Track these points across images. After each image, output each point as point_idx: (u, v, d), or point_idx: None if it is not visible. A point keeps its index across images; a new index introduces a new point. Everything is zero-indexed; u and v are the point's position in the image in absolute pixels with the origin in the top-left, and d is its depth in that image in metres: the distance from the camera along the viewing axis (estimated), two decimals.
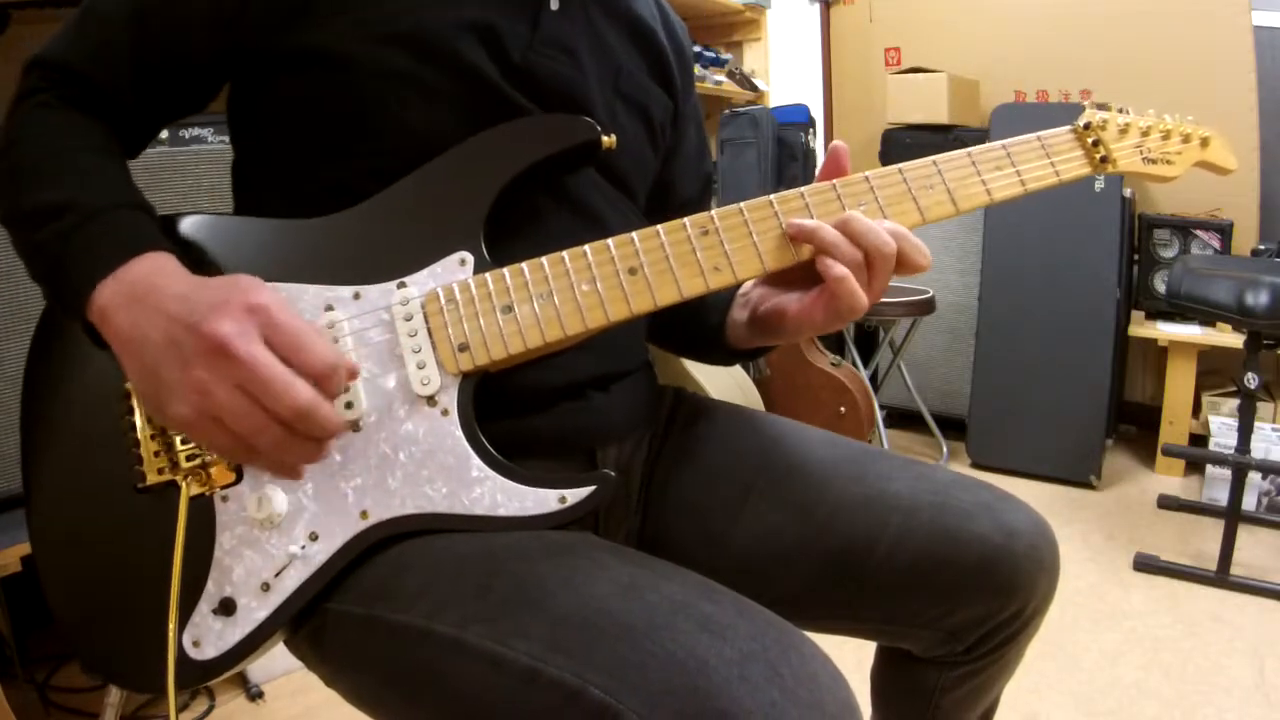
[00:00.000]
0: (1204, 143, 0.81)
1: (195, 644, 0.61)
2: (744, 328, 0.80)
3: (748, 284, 0.80)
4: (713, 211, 0.67)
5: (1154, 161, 0.79)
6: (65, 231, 0.60)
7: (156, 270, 0.59)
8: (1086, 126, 0.76)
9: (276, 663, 1.58)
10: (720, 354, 0.86)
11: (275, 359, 0.53)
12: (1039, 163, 0.74)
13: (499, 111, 0.69)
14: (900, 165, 0.70)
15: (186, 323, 0.54)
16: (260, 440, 0.53)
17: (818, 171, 0.72)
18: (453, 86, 0.68)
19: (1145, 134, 0.78)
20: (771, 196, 0.68)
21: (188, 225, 0.68)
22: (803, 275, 0.70)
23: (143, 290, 0.57)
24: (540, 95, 0.71)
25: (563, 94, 0.72)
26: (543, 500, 0.63)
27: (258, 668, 1.58)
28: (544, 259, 0.65)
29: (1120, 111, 0.78)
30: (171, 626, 0.60)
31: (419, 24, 0.67)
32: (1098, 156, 0.76)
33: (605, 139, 0.70)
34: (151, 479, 0.63)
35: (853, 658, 0.74)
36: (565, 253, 0.65)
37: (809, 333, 0.71)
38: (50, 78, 0.68)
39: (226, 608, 0.61)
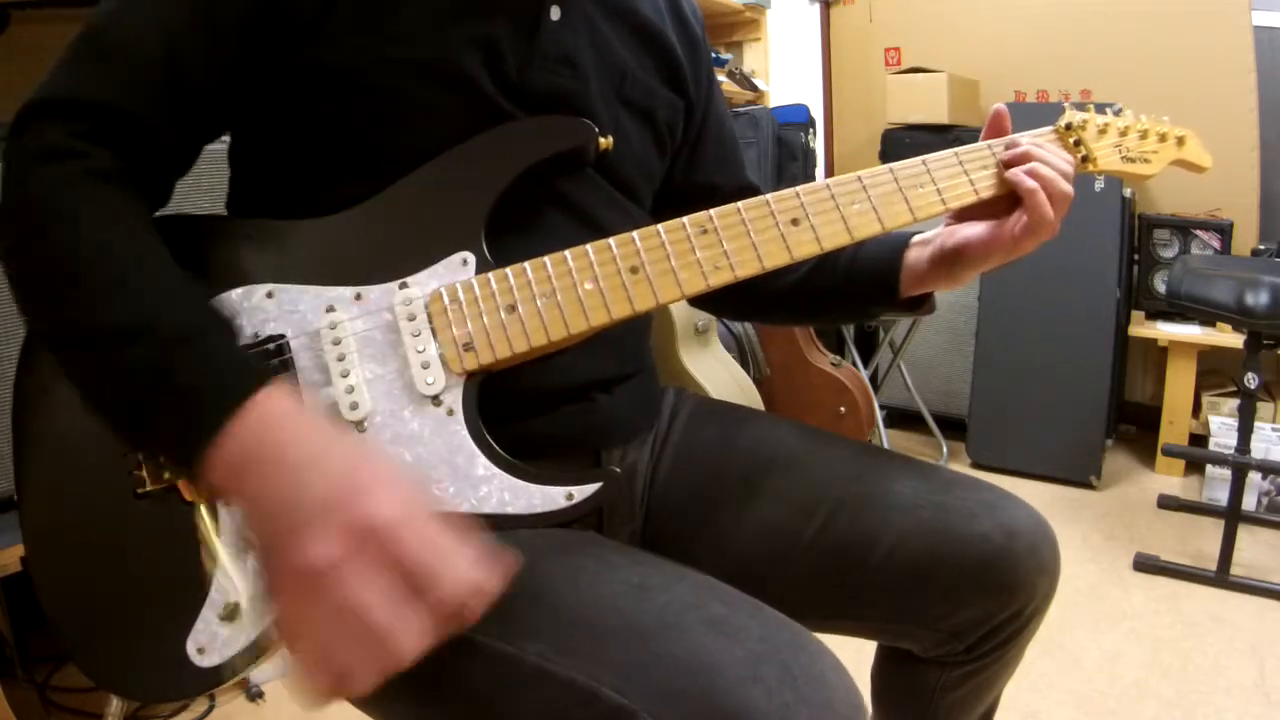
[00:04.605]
0: (1179, 142, 0.84)
1: (200, 651, 0.60)
2: (924, 263, 0.81)
3: (922, 236, 0.82)
4: (711, 211, 0.68)
5: (1132, 160, 0.81)
6: (154, 364, 0.53)
7: (273, 423, 0.52)
8: (1068, 127, 0.79)
9: (277, 664, 1.58)
10: (882, 305, 0.86)
11: (380, 602, 0.45)
12: None
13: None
14: (891, 165, 0.73)
15: (289, 527, 0.47)
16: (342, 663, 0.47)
17: (983, 133, 0.79)
18: (453, 104, 0.68)
19: (1123, 134, 0.81)
20: (768, 196, 0.70)
21: (188, 226, 0.67)
22: (984, 213, 0.77)
23: (255, 454, 0.51)
24: (540, 109, 0.71)
25: (563, 107, 0.72)
26: (550, 497, 0.63)
27: (258, 668, 1.58)
28: (546, 258, 0.65)
29: (1099, 112, 0.81)
30: None
31: (422, 43, 0.66)
32: (1079, 156, 0.78)
33: (603, 140, 0.71)
34: (151, 484, 0.62)
35: (853, 657, 0.73)
36: (567, 252, 0.66)
37: (1000, 257, 0.76)
38: (78, 126, 0.60)
39: (231, 613, 0.60)
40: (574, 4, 0.73)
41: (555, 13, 0.72)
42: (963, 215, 0.79)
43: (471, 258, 0.66)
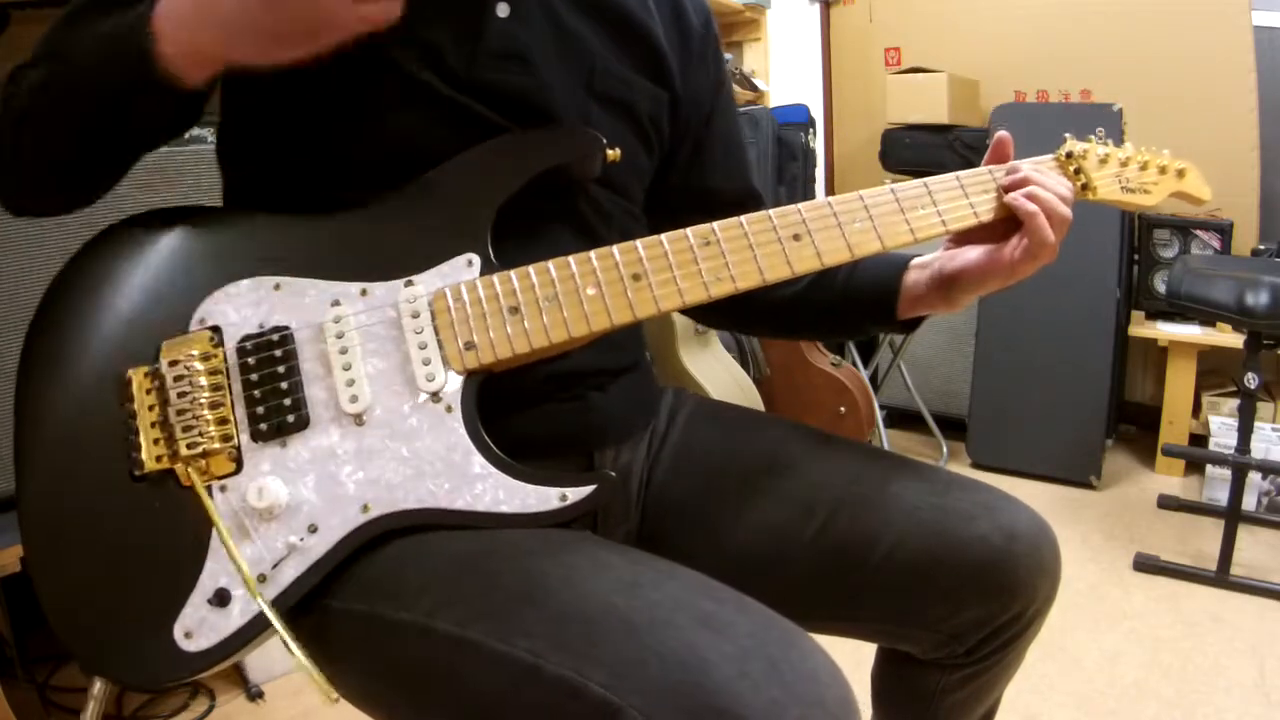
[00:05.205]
0: (1180, 174, 0.85)
1: (187, 635, 0.60)
2: (922, 286, 0.82)
3: (921, 259, 0.82)
4: (714, 224, 0.69)
5: (1132, 191, 0.82)
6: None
7: None
8: (1069, 155, 0.80)
9: (276, 663, 1.58)
10: (878, 324, 0.87)
11: None
12: None
13: (465, 126, 0.70)
14: (893, 185, 0.75)
15: None
16: None
17: (984, 158, 0.79)
18: (411, 106, 0.68)
19: (1124, 164, 0.82)
20: (770, 211, 0.71)
21: (194, 217, 0.68)
22: (983, 237, 0.77)
23: None
24: (500, 106, 0.71)
25: (522, 103, 0.72)
26: (544, 498, 0.63)
27: (258, 668, 1.58)
28: (550, 263, 0.66)
29: (1101, 142, 0.82)
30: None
31: (370, 48, 0.66)
32: (1079, 184, 0.79)
33: (610, 153, 0.72)
34: (149, 467, 0.62)
35: (852, 658, 0.74)
36: (571, 257, 0.67)
37: (998, 281, 0.77)
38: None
39: (221, 598, 0.60)
40: None
41: (503, 9, 0.71)
42: (962, 239, 0.80)
43: (476, 259, 0.67)
